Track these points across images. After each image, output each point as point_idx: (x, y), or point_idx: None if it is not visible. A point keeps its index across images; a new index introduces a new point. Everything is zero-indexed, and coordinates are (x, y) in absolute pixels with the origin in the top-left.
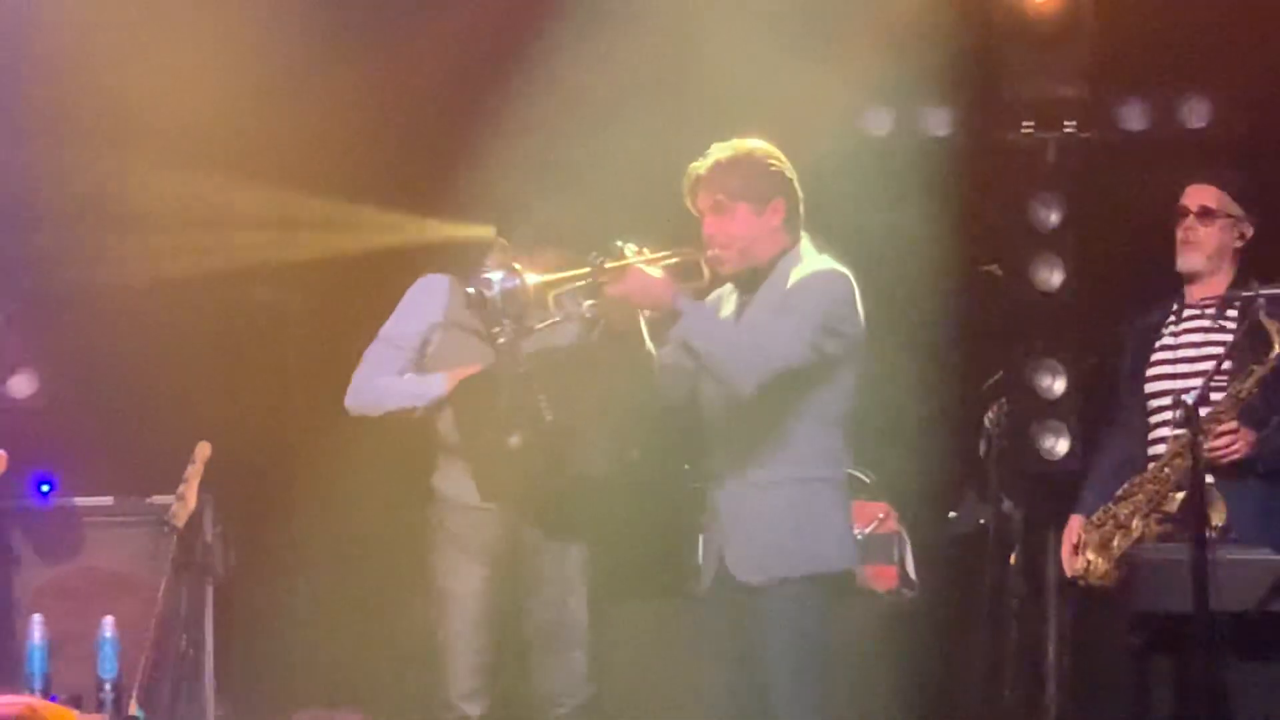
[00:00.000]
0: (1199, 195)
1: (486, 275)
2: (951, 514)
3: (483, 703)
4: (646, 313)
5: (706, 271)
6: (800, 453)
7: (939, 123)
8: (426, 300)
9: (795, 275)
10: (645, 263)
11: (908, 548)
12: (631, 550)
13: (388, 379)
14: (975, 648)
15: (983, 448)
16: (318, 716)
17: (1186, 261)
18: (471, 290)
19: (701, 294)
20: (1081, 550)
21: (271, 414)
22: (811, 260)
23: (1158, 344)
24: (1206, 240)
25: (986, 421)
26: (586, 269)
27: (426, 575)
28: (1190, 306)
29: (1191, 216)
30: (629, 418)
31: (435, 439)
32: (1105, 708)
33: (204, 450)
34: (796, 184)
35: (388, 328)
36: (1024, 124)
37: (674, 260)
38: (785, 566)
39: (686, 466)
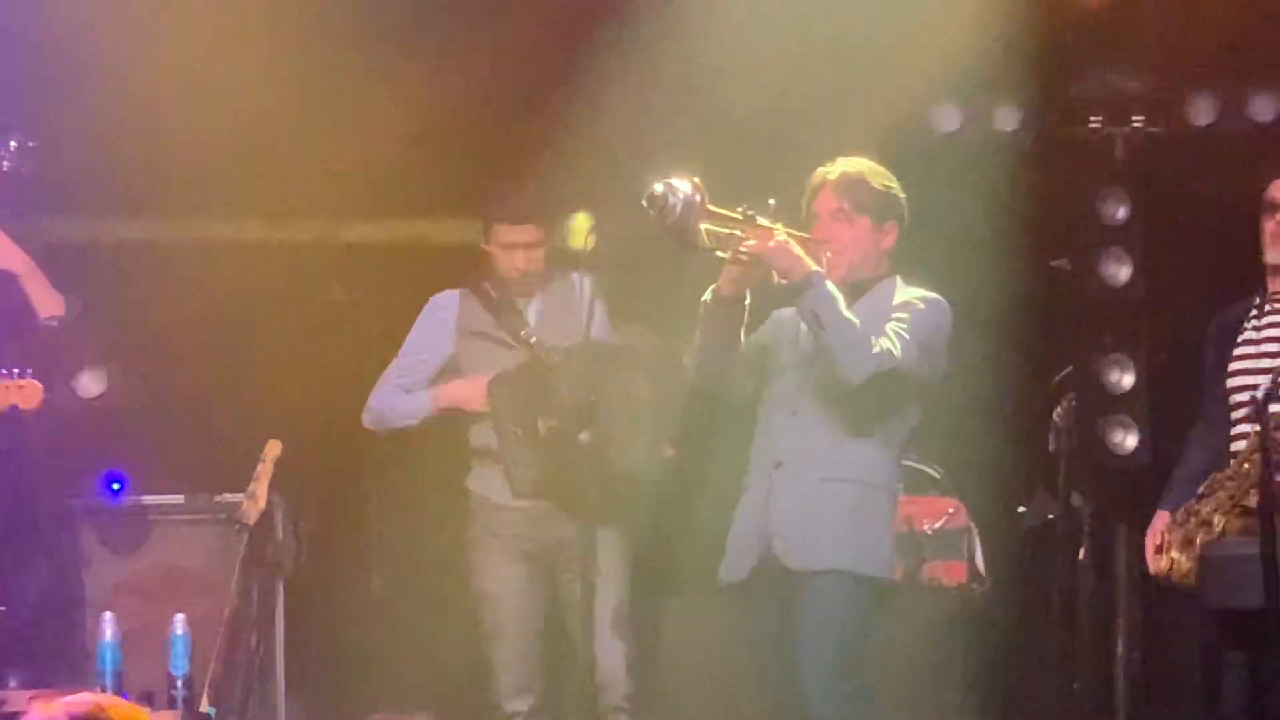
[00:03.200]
0: None
1: (673, 181)
2: (1021, 509)
3: (528, 699)
4: (775, 276)
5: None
6: (870, 458)
7: (1007, 119)
8: (434, 320)
9: (899, 298)
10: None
11: (977, 543)
12: (669, 544)
13: (389, 398)
14: (1045, 642)
15: (1051, 443)
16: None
17: (1275, 254)
18: (659, 188)
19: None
20: (1166, 549)
21: (342, 412)
22: (910, 291)
23: (1240, 339)
24: None
25: (1055, 416)
26: (739, 215)
27: (467, 574)
28: (1273, 300)
29: (1277, 210)
30: (661, 413)
31: (466, 440)
32: (1176, 703)
33: (274, 448)
34: (906, 215)
35: (403, 347)
36: (1092, 119)
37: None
38: (841, 560)
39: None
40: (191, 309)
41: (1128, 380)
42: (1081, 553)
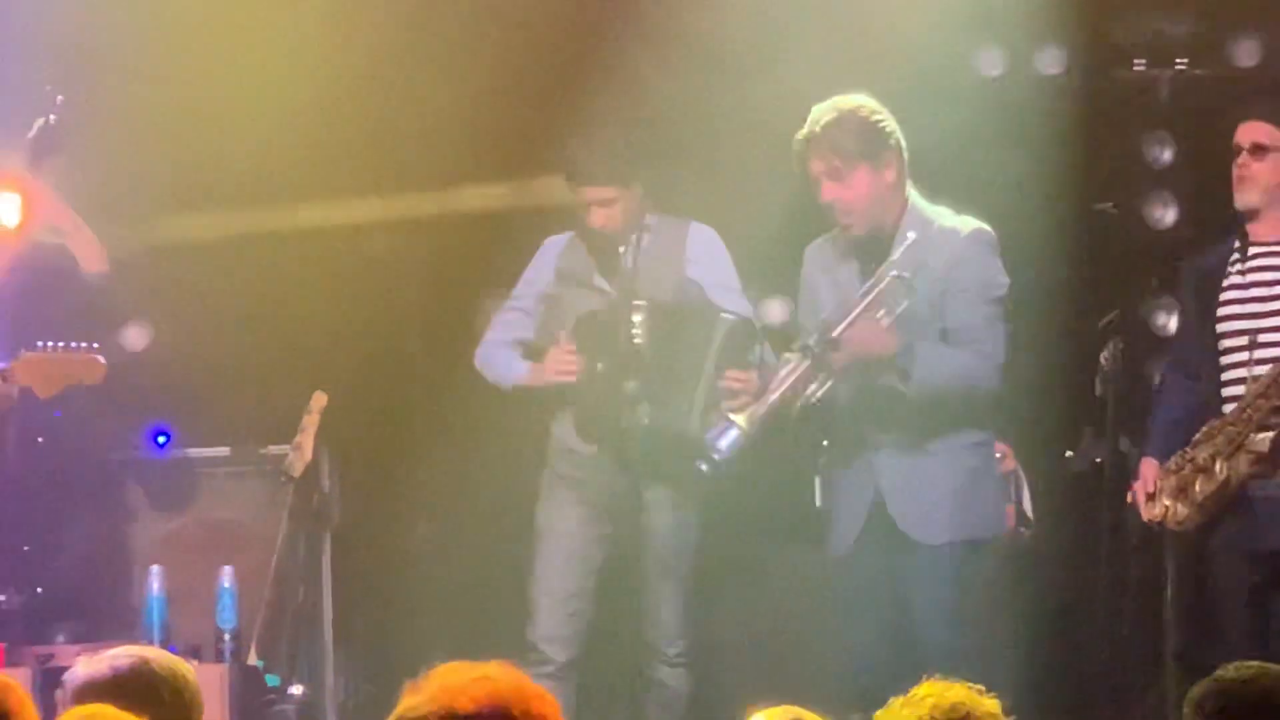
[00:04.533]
0: (1251, 132)
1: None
2: (1068, 453)
3: (567, 650)
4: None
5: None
6: (971, 418)
7: (1051, 62)
8: (541, 261)
9: (944, 240)
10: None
11: (1024, 487)
12: (737, 500)
13: (493, 352)
14: (1093, 586)
15: (1098, 387)
16: (458, 667)
17: (1243, 199)
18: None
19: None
20: (1158, 496)
21: (388, 362)
22: (934, 214)
23: (1225, 284)
24: (1260, 176)
25: (1103, 360)
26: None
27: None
28: (1256, 244)
29: (1244, 153)
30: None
31: (554, 387)
32: (1224, 645)
33: (320, 400)
34: (900, 136)
35: (515, 290)
36: (1136, 62)
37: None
38: (962, 529)
39: None
40: (235, 260)
41: (1174, 323)
42: (1129, 496)
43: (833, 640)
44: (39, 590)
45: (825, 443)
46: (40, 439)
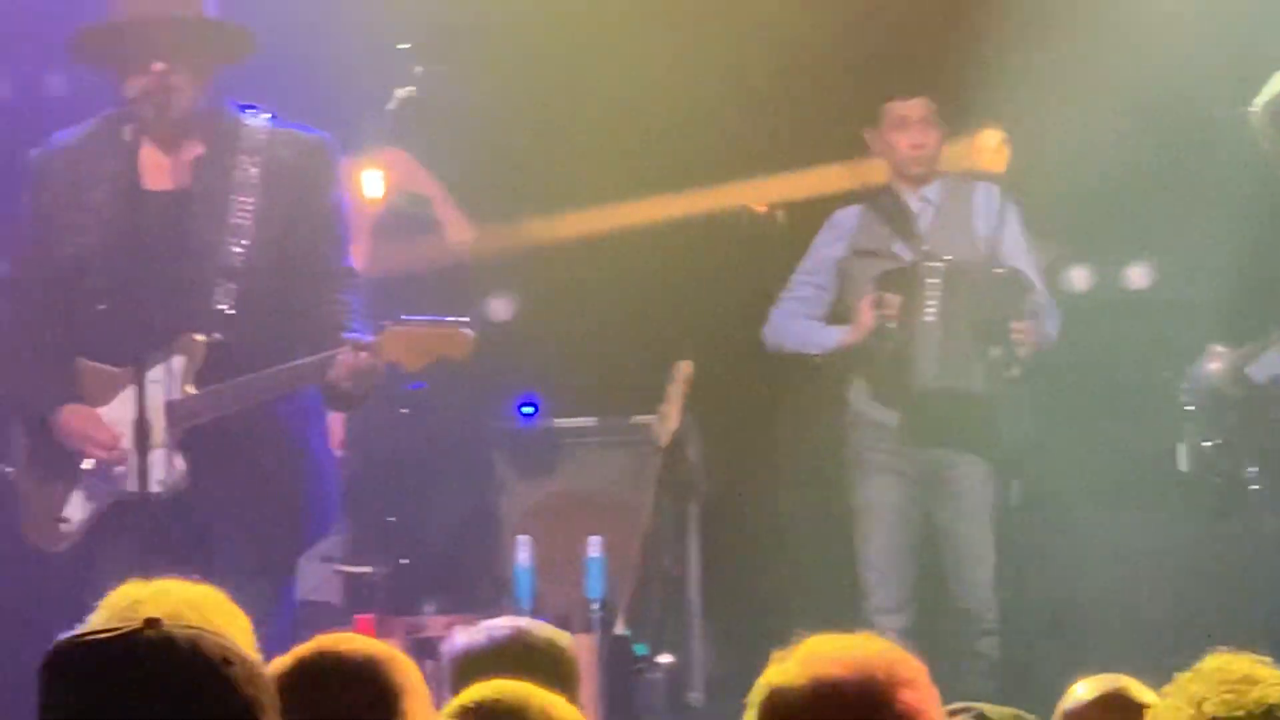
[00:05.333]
0: None
1: None
2: None
3: (903, 617)
4: None
5: None
6: None
7: None
8: (830, 236)
9: None
10: None
11: None
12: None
13: (789, 323)
14: None
15: None
16: (826, 637)
17: None
18: None
19: None
20: None
21: (752, 330)
22: None
23: None
24: None
25: None
26: None
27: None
28: None
29: None
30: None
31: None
32: None
33: (685, 369)
34: None
35: (802, 262)
36: None
37: None
38: None
39: None
40: (599, 229)
41: None
42: None
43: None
44: (407, 562)
45: None
46: (406, 411)
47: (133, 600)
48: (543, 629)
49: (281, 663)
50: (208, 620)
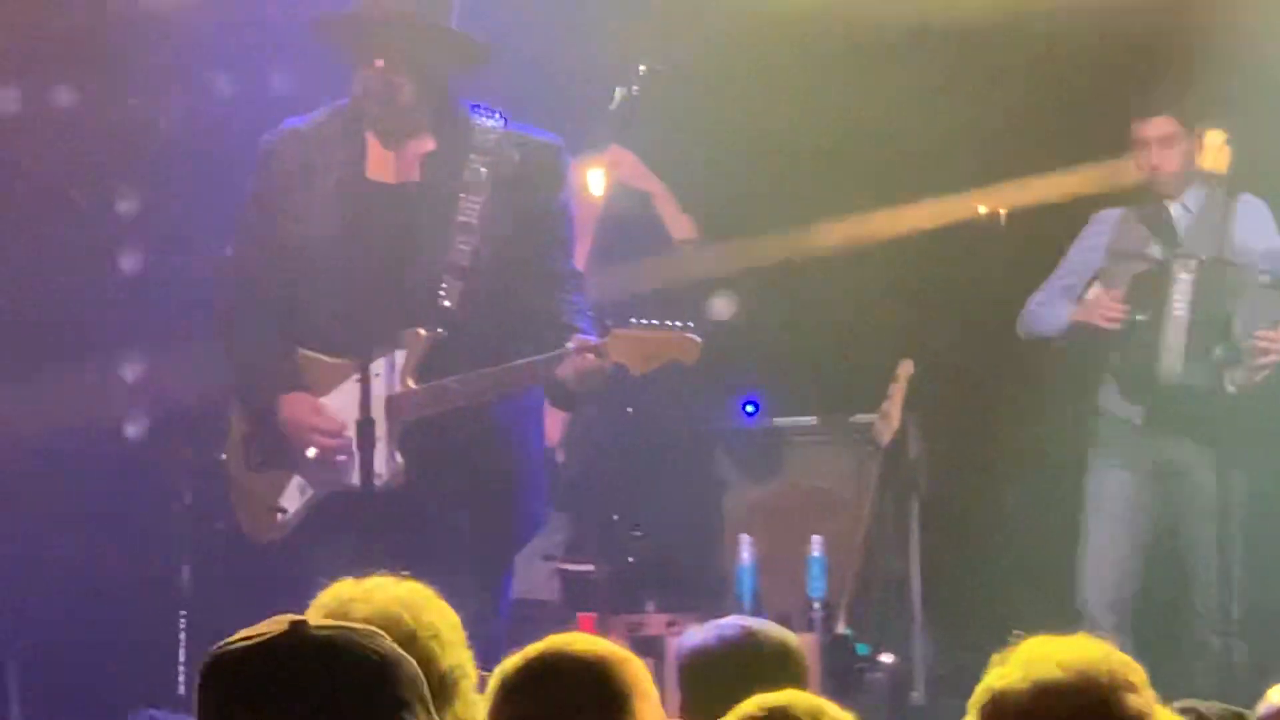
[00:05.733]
0: None
1: None
2: None
3: (1115, 616)
4: None
5: None
6: None
7: None
8: (1094, 233)
9: None
10: None
11: None
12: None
13: (1037, 306)
14: None
15: None
16: (1045, 638)
17: None
18: None
19: None
20: None
21: (972, 329)
22: None
23: None
24: None
25: None
26: None
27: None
28: None
29: None
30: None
31: (1103, 358)
32: None
33: (906, 368)
34: None
35: (1063, 260)
36: None
37: None
38: None
39: None
40: (820, 230)
41: None
42: None
43: None
44: (630, 560)
45: None
46: (629, 409)
47: (344, 599)
48: (772, 629)
49: (510, 662)
50: (419, 618)
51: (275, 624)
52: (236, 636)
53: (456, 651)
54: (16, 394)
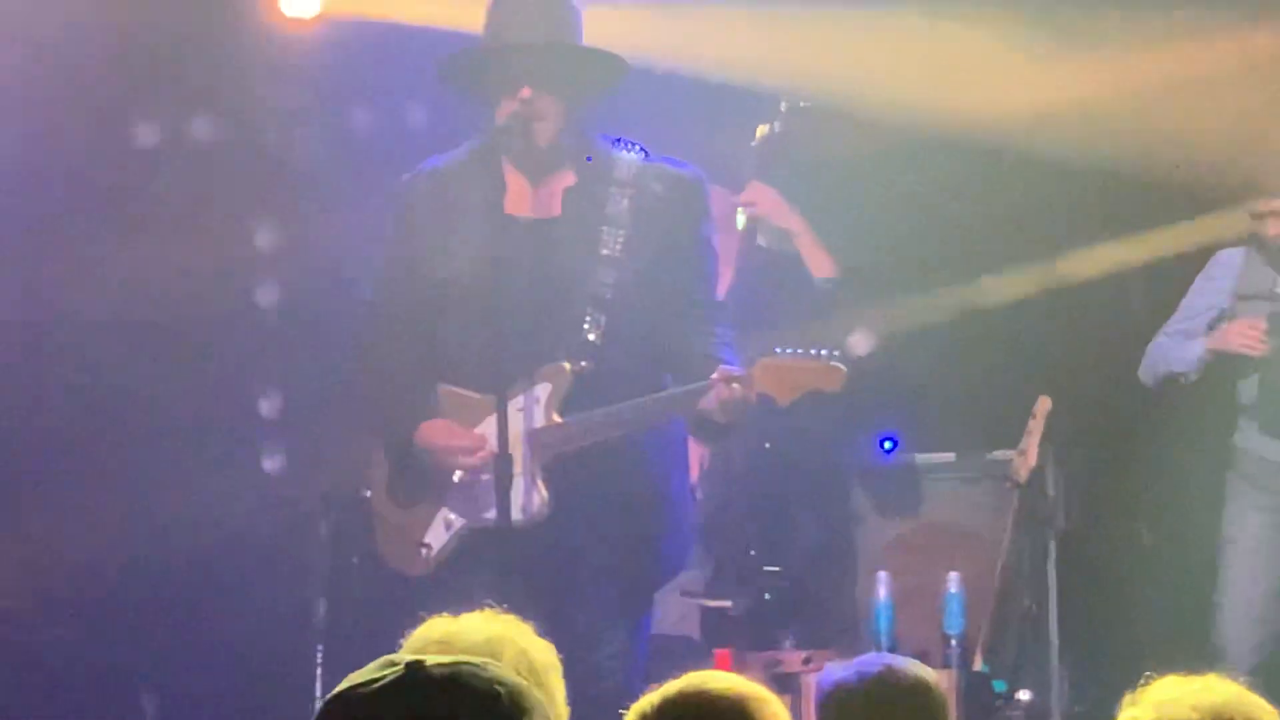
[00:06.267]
0: None
1: None
2: None
3: (1256, 657)
4: None
5: None
6: None
7: None
8: (1217, 275)
9: None
10: None
11: None
12: None
13: (1163, 347)
14: None
15: None
16: (1178, 679)
17: None
18: None
19: None
20: None
21: (1109, 366)
22: None
23: None
24: None
25: None
26: None
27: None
28: None
29: None
30: None
31: (1236, 396)
32: None
33: (1044, 405)
34: None
35: (1183, 301)
36: None
37: None
38: None
39: None
40: (957, 266)
41: None
42: None
43: None
44: (767, 596)
45: None
46: (767, 444)
47: (439, 635)
48: (911, 666)
49: (649, 700)
50: (521, 654)
51: (389, 665)
52: (350, 682)
53: (549, 686)
54: (154, 426)
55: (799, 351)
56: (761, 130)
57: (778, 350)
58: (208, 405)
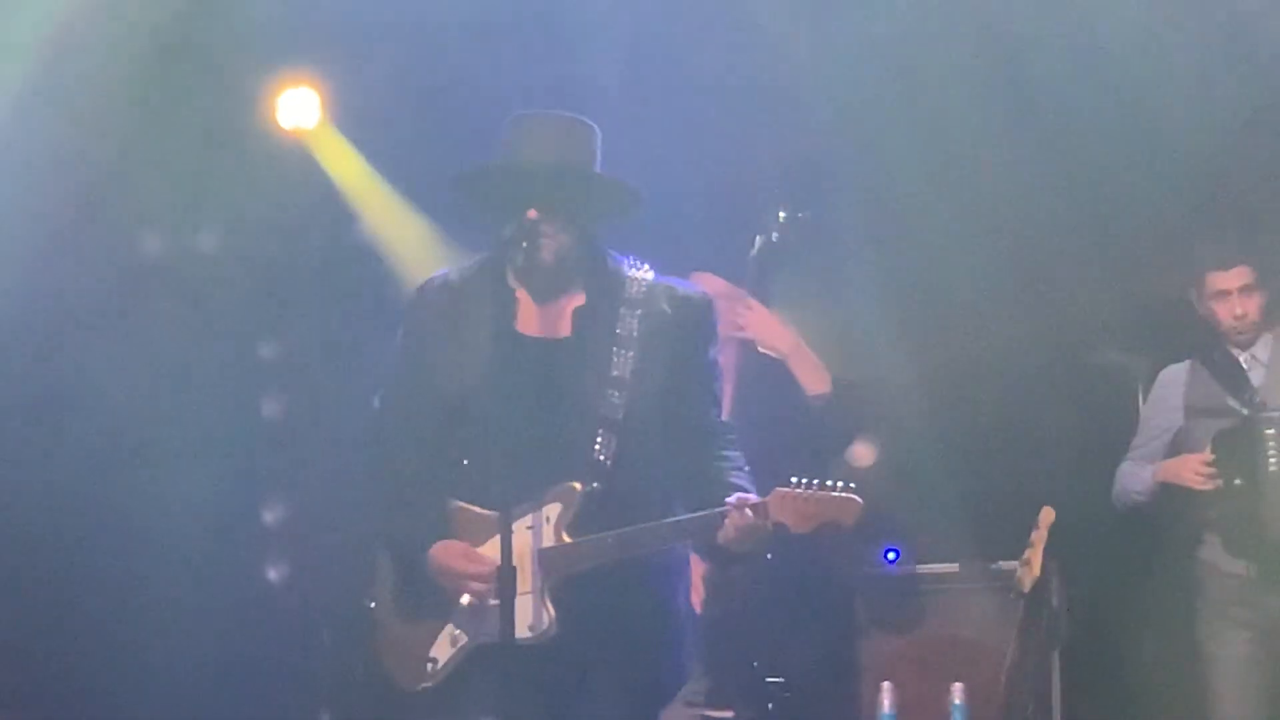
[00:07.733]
0: None
1: None
2: None
3: None
4: None
5: None
6: None
7: None
8: (1166, 394)
9: None
10: None
11: None
12: None
13: (1125, 474)
14: None
15: None
16: None
17: None
18: None
19: None
20: None
21: (1111, 477)
22: None
23: None
24: None
25: None
26: None
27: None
28: None
29: None
30: None
31: (1197, 514)
32: None
33: (1048, 515)
34: None
35: (1141, 424)
36: None
37: None
38: None
39: None
40: (957, 378)
41: None
42: None
43: None
44: (770, 707)
45: None
46: (769, 555)
47: None
48: None
49: None
50: None
51: None
52: None
53: None
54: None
55: (815, 482)
56: (759, 240)
57: (793, 480)
58: (210, 515)
